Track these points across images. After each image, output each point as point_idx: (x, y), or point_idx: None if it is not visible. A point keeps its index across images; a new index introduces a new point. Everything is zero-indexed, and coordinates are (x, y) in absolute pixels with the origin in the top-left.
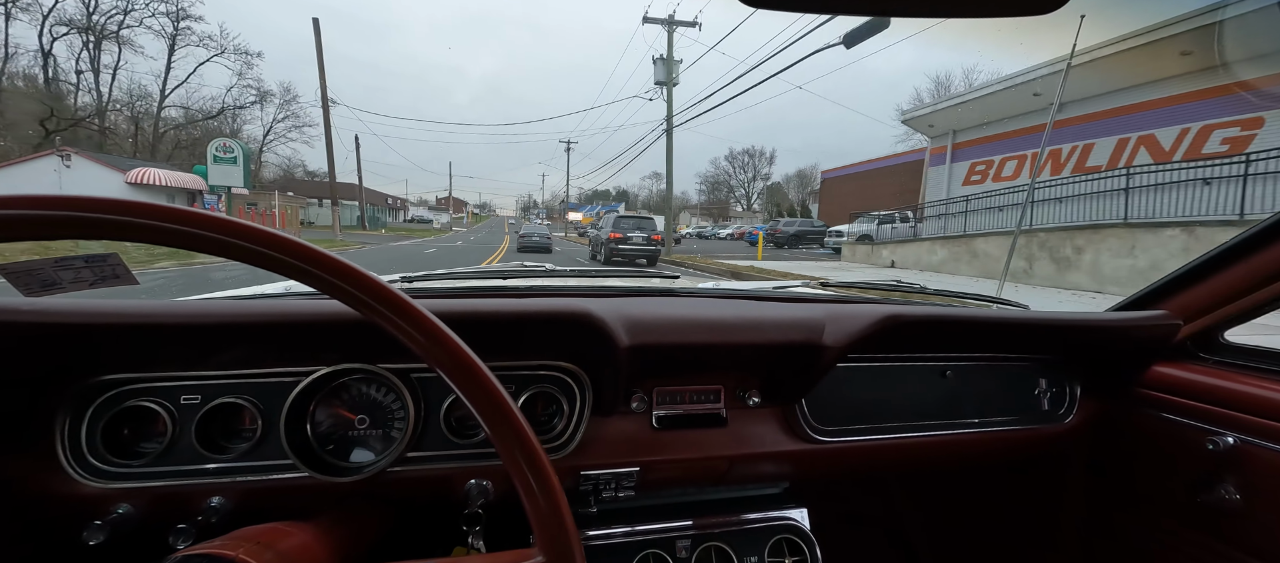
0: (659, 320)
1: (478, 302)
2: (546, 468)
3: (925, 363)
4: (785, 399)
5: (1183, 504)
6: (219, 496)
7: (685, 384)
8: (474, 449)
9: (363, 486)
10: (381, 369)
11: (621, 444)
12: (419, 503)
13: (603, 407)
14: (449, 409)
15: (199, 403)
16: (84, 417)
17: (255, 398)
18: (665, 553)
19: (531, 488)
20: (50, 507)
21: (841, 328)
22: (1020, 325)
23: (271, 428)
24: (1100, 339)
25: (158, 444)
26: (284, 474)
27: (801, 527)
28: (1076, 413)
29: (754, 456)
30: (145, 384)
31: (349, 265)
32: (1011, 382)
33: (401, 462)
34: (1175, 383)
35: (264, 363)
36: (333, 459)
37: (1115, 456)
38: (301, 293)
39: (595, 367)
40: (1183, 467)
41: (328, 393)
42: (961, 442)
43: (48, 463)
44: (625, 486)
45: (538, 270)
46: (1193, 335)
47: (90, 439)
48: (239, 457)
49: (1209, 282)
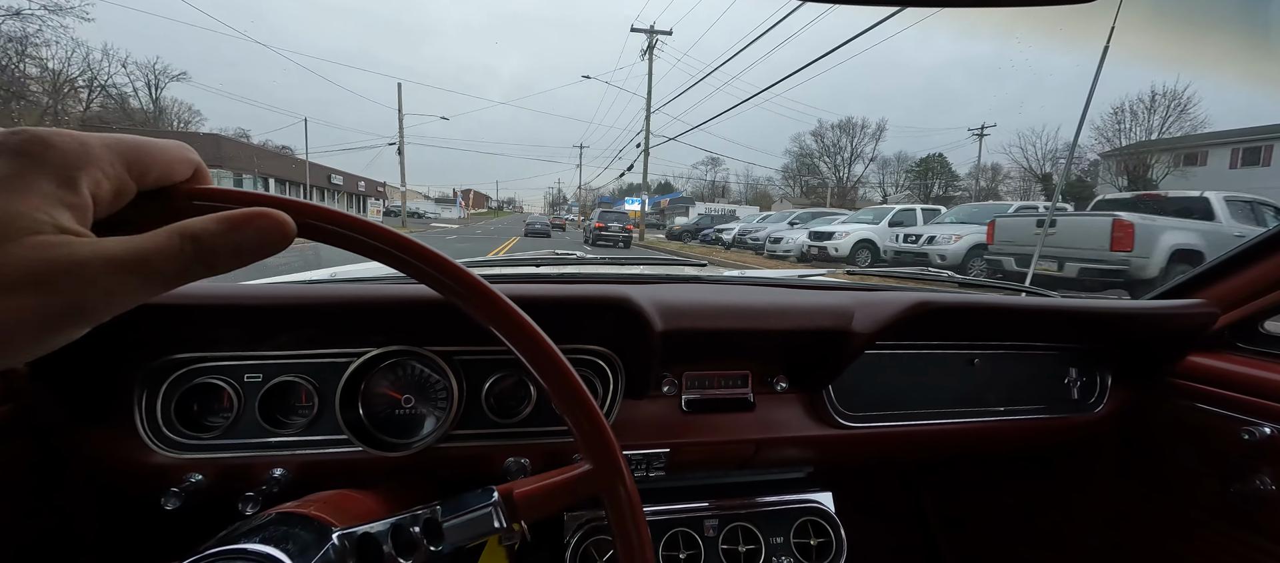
0: (691, 306)
1: (520, 286)
2: (595, 410)
3: (953, 351)
4: (812, 385)
5: (1215, 495)
6: (280, 467)
7: (714, 369)
8: (514, 428)
9: (410, 460)
10: (428, 351)
11: (652, 426)
12: (461, 479)
13: (634, 390)
14: (490, 389)
15: (261, 381)
16: (159, 393)
17: (312, 377)
18: (693, 532)
19: (581, 423)
20: (131, 475)
21: (871, 315)
22: (1052, 313)
23: (326, 405)
24: (1136, 328)
25: (224, 419)
26: (339, 449)
27: (827, 510)
28: (1107, 402)
29: (780, 439)
30: (213, 363)
31: (433, 252)
32: (1040, 370)
33: (447, 439)
34: (1211, 373)
35: (319, 344)
36: (382, 435)
37: (1146, 446)
38: (351, 278)
39: (629, 351)
40: (1216, 457)
41: (377, 373)
42: (988, 430)
43: (128, 435)
44: (656, 466)
45: (568, 259)
46: (1231, 325)
47: (165, 414)
48: (298, 432)
49: (1249, 271)
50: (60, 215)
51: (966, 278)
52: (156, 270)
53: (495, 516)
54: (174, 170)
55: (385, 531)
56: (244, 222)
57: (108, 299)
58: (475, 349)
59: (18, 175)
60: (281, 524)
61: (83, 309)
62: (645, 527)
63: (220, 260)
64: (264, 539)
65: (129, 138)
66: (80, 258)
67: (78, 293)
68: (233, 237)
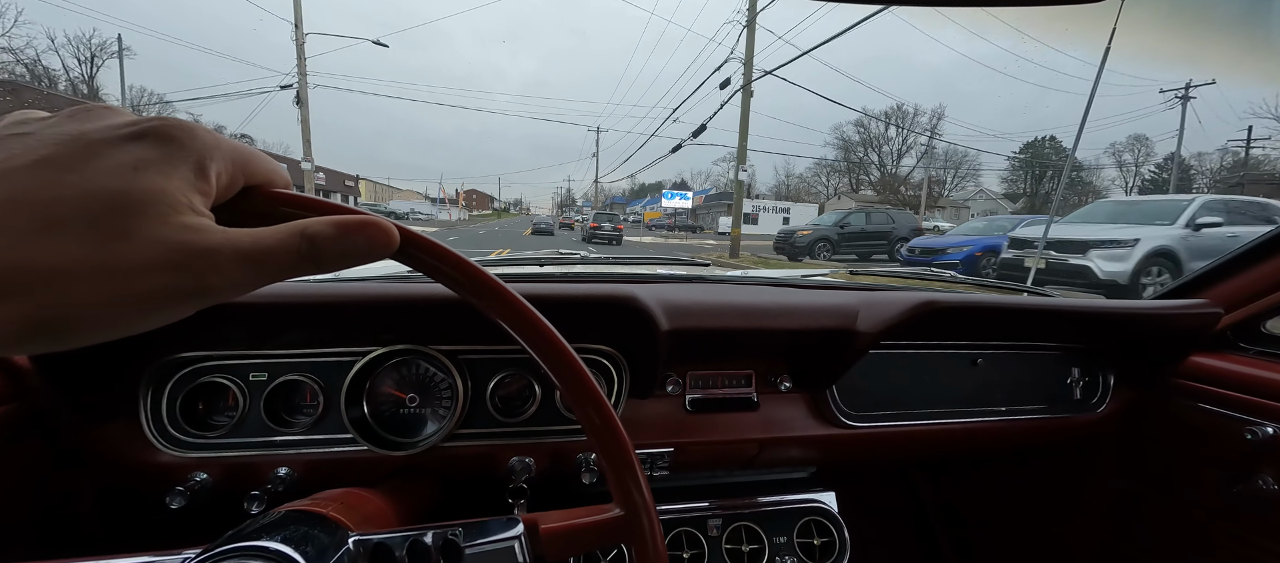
0: (696, 306)
1: (526, 286)
2: (620, 432)
3: (956, 351)
4: (816, 385)
5: (1217, 495)
6: (286, 466)
7: (718, 369)
8: (519, 427)
9: (415, 459)
10: (433, 350)
11: (656, 426)
12: (465, 477)
13: (639, 389)
14: (495, 389)
15: (266, 380)
16: (164, 391)
17: (317, 376)
18: (697, 531)
19: (612, 453)
20: (137, 474)
21: (875, 314)
22: (1056, 313)
23: (332, 404)
24: (1139, 328)
25: (229, 418)
26: (344, 448)
27: (830, 510)
28: (1109, 402)
29: (784, 439)
30: (218, 362)
31: (445, 249)
32: (1043, 370)
33: (452, 438)
34: (1214, 373)
35: (324, 343)
36: (387, 434)
37: (1148, 446)
38: (356, 277)
39: (634, 350)
40: (1219, 457)
41: (382, 372)
42: (991, 430)
43: (134, 434)
44: (660, 466)
45: (572, 258)
46: (1234, 325)
47: (170, 412)
48: (303, 431)
49: (1252, 271)
50: (195, 199)
51: (969, 278)
52: (274, 264)
53: (519, 551)
54: (273, 179)
55: (402, 541)
56: (356, 228)
57: (228, 285)
58: (480, 348)
59: (166, 159)
60: (300, 524)
61: (204, 292)
62: (659, 527)
63: (329, 262)
64: (284, 539)
65: (242, 143)
66: (213, 244)
67: (205, 278)
68: (344, 241)
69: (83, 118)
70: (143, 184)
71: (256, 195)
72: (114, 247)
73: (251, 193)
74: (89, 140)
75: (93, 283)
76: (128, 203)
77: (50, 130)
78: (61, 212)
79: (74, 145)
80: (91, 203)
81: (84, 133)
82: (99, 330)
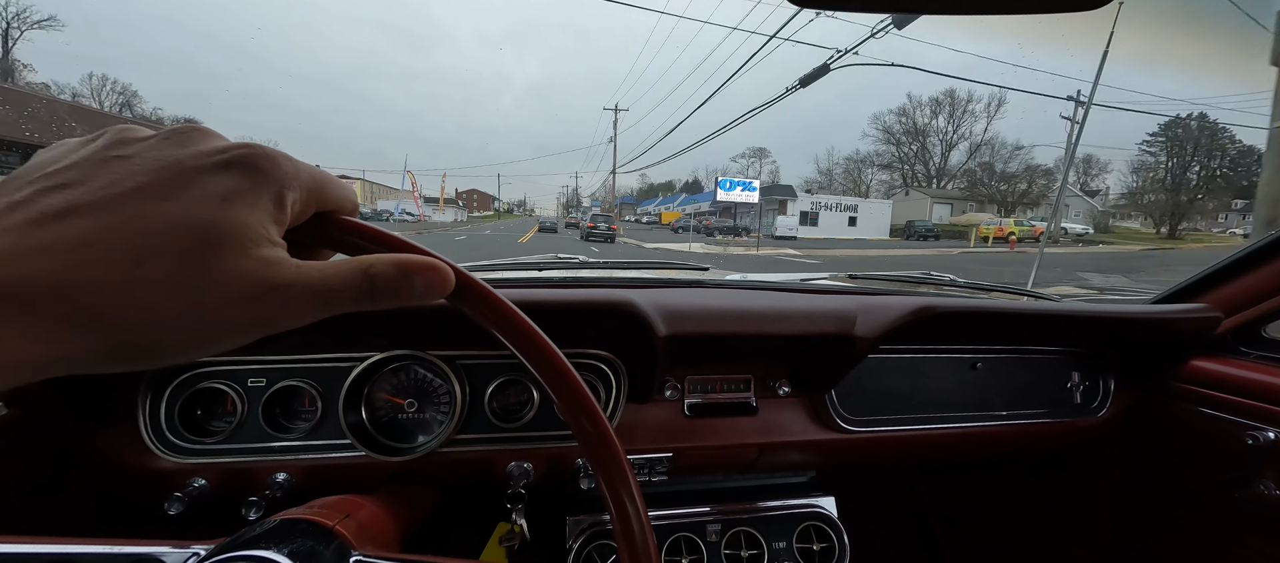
0: (694, 311)
1: (526, 291)
2: (614, 444)
3: (955, 354)
4: (815, 389)
5: (1218, 500)
6: (284, 472)
7: (717, 373)
8: (517, 432)
9: (414, 465)
10: (431, 356)
11: (655, 431)
12: (464, 483)
13: (637, 394)
14: (493, 395)
15: (264, 386)
16: (162, 397)
17: (315, 381)
18: (696, 537)
19: (585, 430)
20: (135, 479)
21: (874, 319)
22: (1055, 318)
23: (330, 410)
24: (1139, 332)
25: (228, 423)
26: (342, 453)
27: (830, 515)
28: (1110, 407)
29: (783, 444)
30: (216, 367)
31: (431, 254)
32: (1043, 374)
33: (450, 443)
34: (1214, 377)
35: (323, 348)
36: (385, 439)
37: (1149, 450)
38: None
39: (632, 355)
40: (1220, 462)
41: (381, 377)
42: (991, 434)
43: (132, 439)
44: (658, 471)
45: (571, 262)
46: (1234, 329)
47: (169, 418)
48: (301, 436)
49: (1253, 275)
50: (272, 229)
51: (969, 282)
52: (337, 300)
53: None
54: (343, 205)
55: None
56: (415, 270)
57: (293, 318)
58: (478, 353)
59: (252, 189)
60: (305, 538)
61: (271, 323)
62: (652, 537)
63: (384, 300)
64: (291, 553)
65: (318, 169)
66: (287, 280)
67: (274, 311)
68: (402, 282)
69: (179, 141)
70: (230, 217)
71: (326, 222)
72: (200, 278)
73: (321, 219)
74: (184, 168)
75: (178, 314)
76: (216, 236)
77: (150, 154)
78: (155, 243)
79: (170, 173)
80: (183, 234)
81: (180, 160)
82: (177, 356)
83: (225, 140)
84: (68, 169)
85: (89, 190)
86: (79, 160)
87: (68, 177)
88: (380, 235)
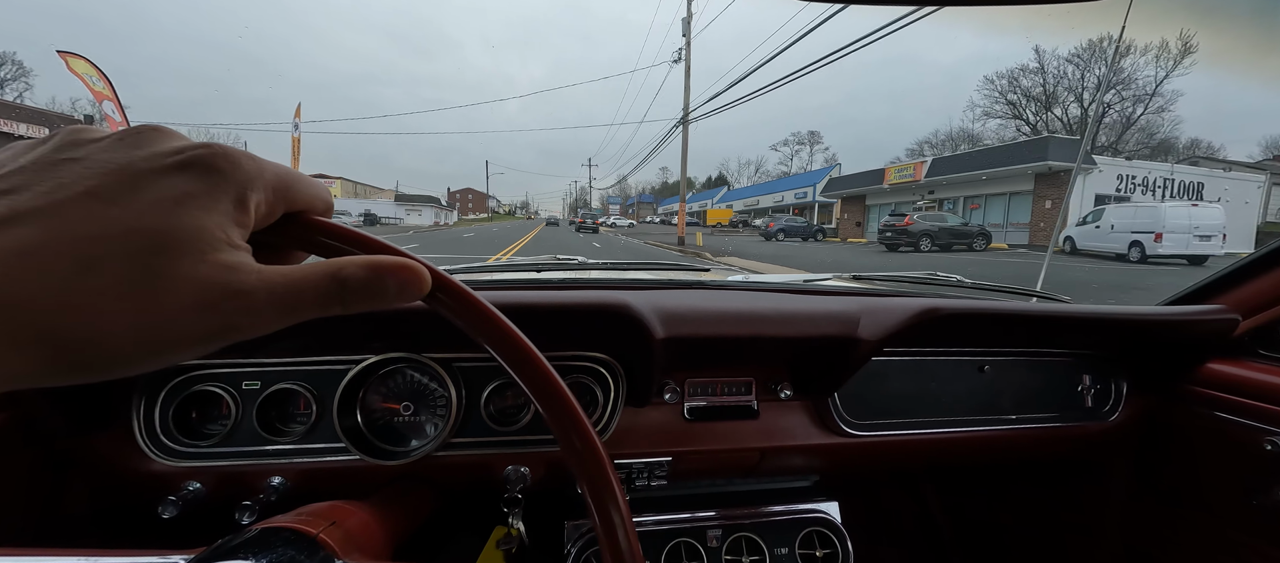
0: (693, 312)
1: (520, 293)
2: (604, 460)
3: (962, 357)
4: (818, 392)
5: (1235, 507)
6: (279, 475)
7: (717, 376)
8: (514, 436)
9: (409, 469)
10: (426, 358)
11: (654, 434)
12: (460, 487)
13: (636, 397)
14: (490, 397)
15: (259, 388)
16: (157, 400)
17: (310, 384)
18: (696, 542)
19: (568, 438)
20: (130, 483)
21: (877, 321)
22: (1066, 320)
23: (325, 413)
24: (1153, 334)
25: (222, 427)
26: (337, 457)
27: (833, 520)
28: (1122, 411)
29: (785, 448)
30: (210, 370)
31: (406, 254)
32: (1053, 378)
33: (446, 447)
34: (1231, 380)
35: (318, 351)
36: (381, 443)
37: (1162, 455)
38: None
39: (630, 358)
40: (1236, 468)
41: (376, 380)
42: (999, 438)
43: (127, 442)
44: (658, 475)
45: (570, 263)
46: (1251, 331)
47: (163, 421)
48: (296, 440)
49: (1271, 276)
50: (233, 232)
51: (976, 282)
52: (304, 305)
53: None
54: (314, 205)
55: None
56: (388, 271)
57: (256, 325)
58: (474, 356)
59: (208, 192)
60: (287, 547)
61: (234, 331)
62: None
63: (357, 303)
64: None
65: (286, 168)
66: (248, 286)
67: (235, 318)
68: (376, 284)
69: (133, 143)
70: (184, 221)
71: (295, 223)
72: (151, 287)
73: (291, 220)
74: (136, 171)
75: (128, 324)
76: (168, 242)
77: (101, 156)
78: (102, 250)
79: (121, 176)
80: (133, 241)
81: (132, 162)
82: (130, 367)
83: (183, 140)
84: (12, 174)
85: (33, 196)
86: (26, 164)
87: (11, 182)
88: (355, 236)
